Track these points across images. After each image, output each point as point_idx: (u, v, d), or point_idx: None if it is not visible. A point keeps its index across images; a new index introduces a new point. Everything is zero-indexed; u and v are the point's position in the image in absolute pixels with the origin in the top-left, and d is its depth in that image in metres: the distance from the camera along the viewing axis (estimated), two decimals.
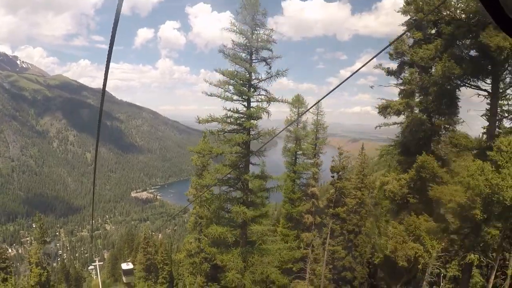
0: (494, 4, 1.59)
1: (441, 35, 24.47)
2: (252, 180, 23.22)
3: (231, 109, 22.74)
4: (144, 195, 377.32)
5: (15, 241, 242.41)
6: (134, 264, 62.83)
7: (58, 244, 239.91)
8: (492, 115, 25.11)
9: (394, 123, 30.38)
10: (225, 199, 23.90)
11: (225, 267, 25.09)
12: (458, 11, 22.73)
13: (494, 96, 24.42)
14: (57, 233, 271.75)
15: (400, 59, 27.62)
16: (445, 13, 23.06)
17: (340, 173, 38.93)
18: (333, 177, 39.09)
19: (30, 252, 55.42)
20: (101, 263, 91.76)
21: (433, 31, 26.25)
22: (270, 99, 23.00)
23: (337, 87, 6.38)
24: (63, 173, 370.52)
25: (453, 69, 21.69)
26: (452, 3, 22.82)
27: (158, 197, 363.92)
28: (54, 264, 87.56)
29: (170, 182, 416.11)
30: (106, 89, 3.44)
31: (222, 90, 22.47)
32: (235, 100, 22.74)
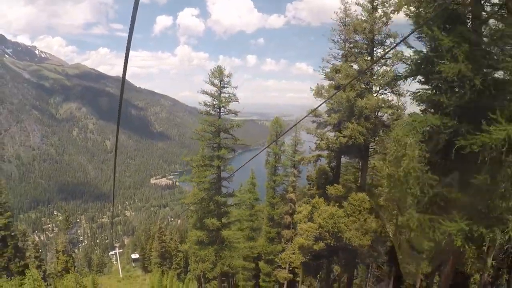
0: None
1: None
2: (222, 199, 31.78)
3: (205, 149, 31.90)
4: (163, 181, 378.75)
5: (37, 228, 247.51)
6: (150, 252, 72.26)
7: (79, 231, 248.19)
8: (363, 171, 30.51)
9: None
10: (202, 213, 32.43)
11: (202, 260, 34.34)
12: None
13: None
14: (78, 220, 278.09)
15: None
16: None
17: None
18: (309, 184, 45.90)
19: (57, 241, 63.35)
20: (121, 250, 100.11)
21: None
22: (235, 140, 31.48)
23: (328, 98, 12.95)
24: (83, 161, 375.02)
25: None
26: None
27: (177, 183, 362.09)
28: (76, 250, 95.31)
29: (188, 169, 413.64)
30: (125, 76, 3.67)
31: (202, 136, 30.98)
32: (208, 143, 31.07)
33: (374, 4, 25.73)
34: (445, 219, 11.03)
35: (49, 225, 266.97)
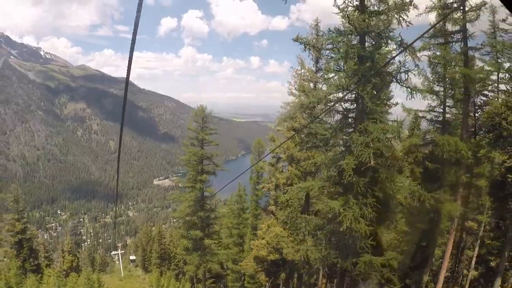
0: None
1: None
2: (205, 214, 38.38)
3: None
4: (166, 182, 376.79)
5: (41, 227, 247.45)
6: (151, 253, 78.01)
7: (82, 230, 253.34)
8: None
9: None
10: (188, 225, 39.13)
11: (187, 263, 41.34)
12: None
13: None
14: (81, 220, 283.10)
15: None
16: None
17: None
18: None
19: (64, 242, 69.69)
20: (123, 251, 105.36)
21: None
22: (216, 166, 38.40)
23: (323, 112, 18.42)
24: (87, 161, 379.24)
25: None
26: None
27: (179, 185, 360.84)
28: (79, 250, 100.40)
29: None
30: (130, 78, 3.45)
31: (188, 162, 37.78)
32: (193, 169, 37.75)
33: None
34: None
35: (53, 224, 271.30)
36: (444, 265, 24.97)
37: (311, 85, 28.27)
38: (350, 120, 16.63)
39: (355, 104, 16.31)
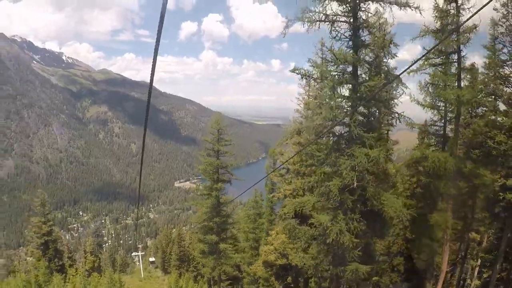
0: None
1: None
2: (220, 219, 40.44)
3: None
4: (187, 185, 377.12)
5: (62, 228, 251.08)
6: (170, 255, 79.85)
7: (104, 231, 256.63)
8: None
9: None
10: (204, 230, 41.34)
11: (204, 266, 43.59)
12: None
13: None
14: (103, 221, 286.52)
15: None
16: None
17: None
18: None
19: (86, 243, 71.80)
20: (143, 253, 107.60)
21: None
22: (231, 175, 40.44)
23: (331, 126, 20.07)
24: (109, 164, 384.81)
25: None
26: None
27: (200, 187, 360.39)
28: (101, 251, 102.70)
29: None
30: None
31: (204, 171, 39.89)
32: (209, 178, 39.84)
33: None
34: None
35: (75, 225, 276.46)
36: (442, 274, 25.42)
37: (317, 102, 29.81)
38: (343, 143, 18.40)
39: (348, 129, 18.03)
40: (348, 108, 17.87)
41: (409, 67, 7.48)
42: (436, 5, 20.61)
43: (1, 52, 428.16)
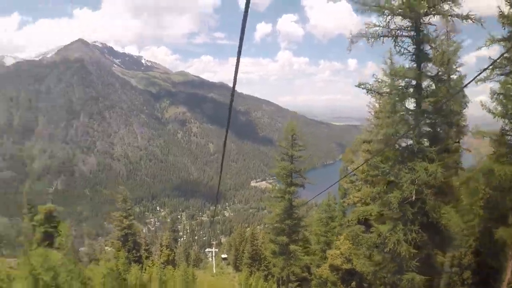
0: None
1: None
2: (292, 222, 41.47)
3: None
4: (263, 184, 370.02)
5: (140, 222, 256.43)
6: (243, 253, 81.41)
7: (179, 227, 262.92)
8: None
9: None
10: (276, 231, 42.54)
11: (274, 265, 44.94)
12: None
13: None
14: (179, 217, 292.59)
15: None
16: None
17: None
18: None
19: (163, 237, 74.75)
20: (216, 249, 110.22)
21: None
22: (304, 179, 41.45)
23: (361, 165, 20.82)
24: (187, 162, 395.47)
25: None
26: None
27: (276, 188, 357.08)
28: (176, 246, 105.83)
29: None
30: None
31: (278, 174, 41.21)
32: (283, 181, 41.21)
33: None
34: None
35: (152, 219, 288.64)
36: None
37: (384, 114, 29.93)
38: (406, 155, 18.83)
39: (412, 141, 18.50)
40: (412, 122, 18.31)
41: (473, 79, 8.12)
42: (501, 12, 20.03)
43: (83, 57, 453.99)
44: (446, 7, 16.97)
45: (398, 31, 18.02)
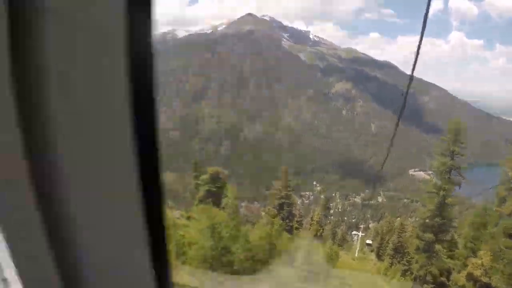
0: None
1: None
2: (441, 220, 39.94)
3: None
4: (421, 175, 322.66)
5: (296, 194, 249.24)
6: (388, 243, 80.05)
7: (331, 204, 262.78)
8: None
9: None
10: (423, 227, 41.41)
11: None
12: None
13: None
14: (333, 194, 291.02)
15: None
16: None
17: None
18: None
19: (314, 212, 77.21)
20: (363, 234, 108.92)
21: None
22: (463, 178, 39.43)
23: None
24: (349, 139, 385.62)
25: None
26: None
27: (432, 181, 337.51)
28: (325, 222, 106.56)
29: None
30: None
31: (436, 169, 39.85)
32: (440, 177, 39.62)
33: None
34: None
35: (307, 193, 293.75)
36: None
37: None
38: None
39: None
40: None
41: None
42: None
43: (254, 30, 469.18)
44: None
45: None
